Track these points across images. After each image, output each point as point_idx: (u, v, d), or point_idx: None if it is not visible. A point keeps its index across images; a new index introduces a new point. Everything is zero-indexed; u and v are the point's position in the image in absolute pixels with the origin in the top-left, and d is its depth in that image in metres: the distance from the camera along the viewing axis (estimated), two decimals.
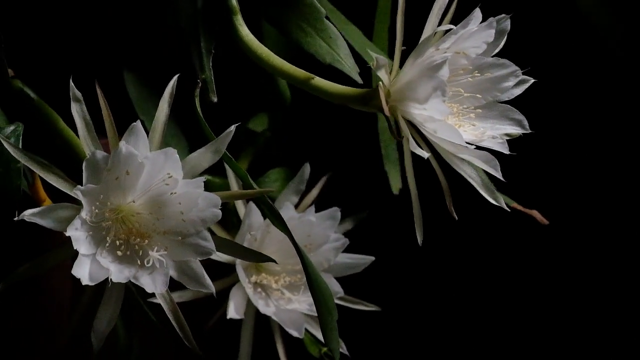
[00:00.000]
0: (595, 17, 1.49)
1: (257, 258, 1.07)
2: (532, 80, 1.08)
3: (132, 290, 1.15)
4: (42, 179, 0.99)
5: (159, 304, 1.00)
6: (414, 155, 1.04)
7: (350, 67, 1.18)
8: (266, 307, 1.24)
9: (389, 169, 1.35)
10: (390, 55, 1.21)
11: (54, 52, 1.31)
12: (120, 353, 1.24)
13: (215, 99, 1.16)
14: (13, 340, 1.32)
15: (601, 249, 1.75)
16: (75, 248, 0.94)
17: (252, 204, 1.25)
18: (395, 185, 1.34)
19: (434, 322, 1.79)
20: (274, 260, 1.04)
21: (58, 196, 1.00)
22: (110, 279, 0.94)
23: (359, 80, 1.17)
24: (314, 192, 1.31)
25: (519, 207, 1.15)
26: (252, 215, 1.25)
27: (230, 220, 1.30)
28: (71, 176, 0.99)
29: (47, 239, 1.08)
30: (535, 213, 1.18)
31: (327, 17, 1.20)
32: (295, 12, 1.20)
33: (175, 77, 1.02)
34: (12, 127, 1.06)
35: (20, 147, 1.03)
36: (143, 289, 0.97)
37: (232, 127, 1.00)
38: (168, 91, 1.02)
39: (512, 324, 1.77)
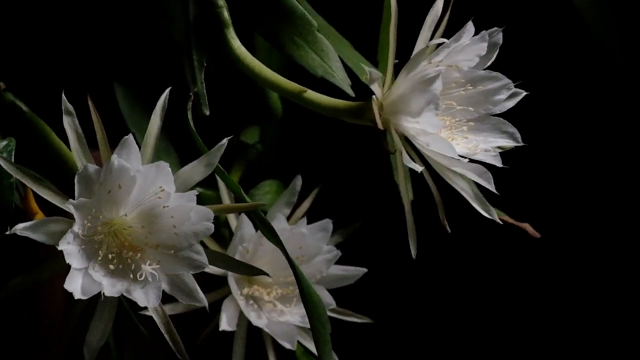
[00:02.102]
0: (594, 24, 1.48)
1: (249, 271, 1.07)
2: (525, 93, 1.08)
3: (122, 303, 1.15)
4: (34, 192, 0.98)
5: (150, 317, 1.00)
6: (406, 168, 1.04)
7: (342, 80, 1.18)
8: (258, 319, 1.23)
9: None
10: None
11: (45, 65, 1.31)
12: None
13: (207, 112, 1.16)
14: (9, 350, 1.31)
15: (596, 261, 1.75)
16: (67, 262, 0.93)
17: (243, 216, 1.24)
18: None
19: (426, 334, 1.78)
20: (266, 274, 1.04)
21: (50, 209, 1.00)
22: (103, 293, 0.94)
23: (350, 93, 1.17)
24: (306, 204, 1.31)
25: (511, 221, 1.14)
26: (243, 228, 1.25)
27: (222, 233, 1.30)
28: (63, 189, 0.99)
29: (42, 251, 1.07)
30: (527, 226, 1.17)
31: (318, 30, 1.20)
32: (287, 25, 1.19)
33: (167, 91, 1.01)
34: (4, 143, 1.06)
35: (13, 162, 1.02)
36: (134, 302, 0.96)
37: (225, 140, 1.00)
38: (160, 104, 1.01)
39: (505, 335, 1.77)
